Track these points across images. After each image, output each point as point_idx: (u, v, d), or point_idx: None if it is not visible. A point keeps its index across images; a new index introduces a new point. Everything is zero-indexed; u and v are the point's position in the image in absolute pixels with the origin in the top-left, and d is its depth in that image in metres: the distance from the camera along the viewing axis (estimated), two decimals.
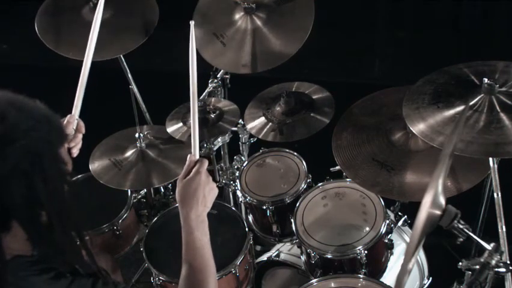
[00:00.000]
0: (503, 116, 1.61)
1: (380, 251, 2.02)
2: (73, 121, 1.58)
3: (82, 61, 1.66)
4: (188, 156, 1.40)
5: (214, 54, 2.28)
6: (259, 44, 2.24)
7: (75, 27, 2.39)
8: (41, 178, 1.09)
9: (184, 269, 1.33)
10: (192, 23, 1.47)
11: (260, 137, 2.29)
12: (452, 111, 1.67)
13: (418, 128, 1.67)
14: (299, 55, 2.17)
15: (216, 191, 1.39)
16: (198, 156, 1.41)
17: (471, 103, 1.65)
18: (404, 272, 1.18)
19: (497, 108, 1.63)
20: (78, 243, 1.22)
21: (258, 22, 2.25)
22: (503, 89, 1.67)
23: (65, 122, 1.57)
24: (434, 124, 1.66)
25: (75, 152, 1.58)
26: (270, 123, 2.29)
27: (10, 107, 1.08)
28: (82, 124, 1.61)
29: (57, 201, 1.14)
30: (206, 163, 1.38)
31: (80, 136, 1.60)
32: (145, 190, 2.51)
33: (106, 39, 1.99)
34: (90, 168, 2.28)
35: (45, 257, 1.17)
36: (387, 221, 1.99)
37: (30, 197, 1.09)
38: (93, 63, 1.66)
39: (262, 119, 2.32)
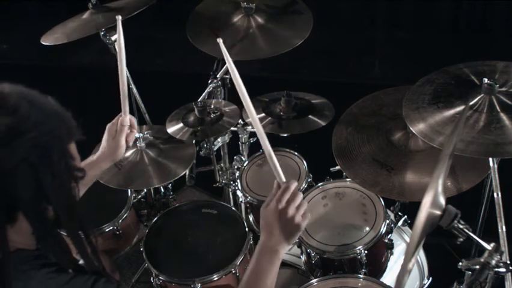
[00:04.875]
0: (503, 116, 1.60)
1: (380, 251, 2.02)
2: (127, 125, 1.77)
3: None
4: (275, 182, 1.40)
5: (205, 43, 2.35)
6: (252, 40, 2.32)
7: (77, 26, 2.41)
8: (48, 172, 1.10)
9: None
10: (220, 40, 1.47)
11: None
12: (452, 111, 1.67)
13: (418, 128, 1.67)
14: (299, 55, 2.17)
15: (294, 225, 1.36)
16: (283, 179, 1.39)
17: (471, 103, 1.65)
18: (404, 272, 1.18)
19: (497, 108, 1.63)
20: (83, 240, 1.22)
21: (254, 25, 2.37)
22: (503, 89, 1.67)
23: (118, 126, 1.73)
24: (434, 124, 1.66)
25: (130, 140, 1.81)
26: (269, 118, 2.31)
27: (23, 100, 1.10)
28: (134, 120, 1.79)
29: (64, 196, 1.15)
30: (288, 192, 1.37)
31: (134, 132, 1.81)
32: (145, 190, 2.51)
33: None
34: None
35: (49, 252, 1.17)
36: (387, 221, 1.99)
37: (38, 190, 1.10)
38: (92, 65, 1.67)
39: (262, 114, 2.35)
